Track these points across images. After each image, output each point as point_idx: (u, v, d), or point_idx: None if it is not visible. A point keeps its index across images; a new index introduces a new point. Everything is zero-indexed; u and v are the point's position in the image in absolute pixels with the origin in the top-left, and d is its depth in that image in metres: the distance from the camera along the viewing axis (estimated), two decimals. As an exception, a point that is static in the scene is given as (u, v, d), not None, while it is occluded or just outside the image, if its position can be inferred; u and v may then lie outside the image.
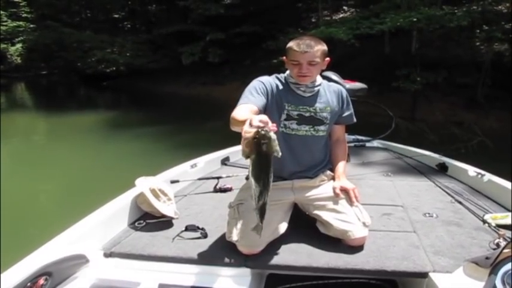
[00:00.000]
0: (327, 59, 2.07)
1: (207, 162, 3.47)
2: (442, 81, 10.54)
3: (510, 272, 1.25)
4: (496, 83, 9.95)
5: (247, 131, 1.48)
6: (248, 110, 1.85)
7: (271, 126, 1.48)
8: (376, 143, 4.46)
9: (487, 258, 1.36)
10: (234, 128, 1.74)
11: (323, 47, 2.03)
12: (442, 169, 3.53)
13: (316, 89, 2.11)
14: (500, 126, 8.93)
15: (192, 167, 3.28)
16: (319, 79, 2.14)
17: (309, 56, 1.96)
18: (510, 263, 1.26)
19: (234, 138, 1.92)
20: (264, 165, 1.53)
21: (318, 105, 2.10)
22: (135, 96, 19.56)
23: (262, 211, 1.61)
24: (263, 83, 2.07)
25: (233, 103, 1.99)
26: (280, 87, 2.09)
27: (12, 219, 4.19)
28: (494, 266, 1.30)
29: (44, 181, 6.18)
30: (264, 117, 1.50)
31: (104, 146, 8.72)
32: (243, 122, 1.55)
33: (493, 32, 10.04)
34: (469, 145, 6.28)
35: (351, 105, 2.26)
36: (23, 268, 1.60)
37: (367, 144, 4.37)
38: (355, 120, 2.30)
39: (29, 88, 25.99)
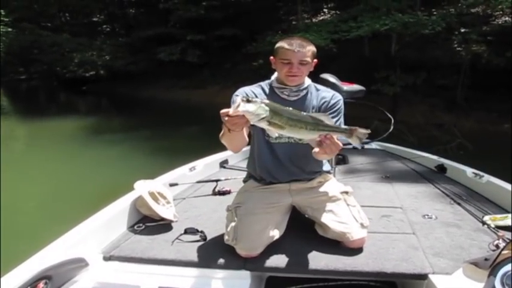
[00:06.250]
0: (315, 60, 2.03)
1: (206, 165, 3.47)
2: (421, 83, 10.66)
3: (509, 273, 1.27)
4: (475, 85, 10.09)
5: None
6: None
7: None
8: (374, 145, 4.49)
9: (486, 259, 1.38)
10: (224, 140, 1.86)
11: (313, 47, 2.00)
12: (441, 170, 3.57)
13: (301, 93, 2.05)
14: (480, 127, 9.09)
15: (190, 170, 3.28)
16: (306, 82, 2.08)
17: (301, 55, 1.93)
18: (509, 264, 1.28)
19: (215, 145, 2.00)
20: None
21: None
22: (115, 100, 19.31)
23: None
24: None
25: (214, 108, 1.98)
26: (262, 96, 2.04)
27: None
28: (493, 268, 1.32)
29: (23, 187, 6.07)
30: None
31: (84, 151, 8.63)
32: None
33: (469, 34, 10.23)
34: (448, 147, 6.39)
35: (339, 114, 2.06)
36: (22, 272, 1.60)
37: (366, 146, 4.38)
38: None
39: (8, 93, 25.47)
